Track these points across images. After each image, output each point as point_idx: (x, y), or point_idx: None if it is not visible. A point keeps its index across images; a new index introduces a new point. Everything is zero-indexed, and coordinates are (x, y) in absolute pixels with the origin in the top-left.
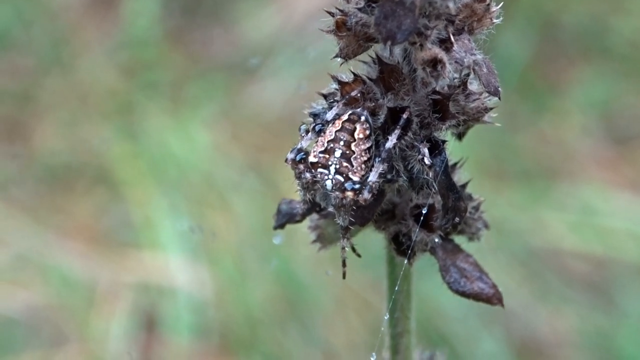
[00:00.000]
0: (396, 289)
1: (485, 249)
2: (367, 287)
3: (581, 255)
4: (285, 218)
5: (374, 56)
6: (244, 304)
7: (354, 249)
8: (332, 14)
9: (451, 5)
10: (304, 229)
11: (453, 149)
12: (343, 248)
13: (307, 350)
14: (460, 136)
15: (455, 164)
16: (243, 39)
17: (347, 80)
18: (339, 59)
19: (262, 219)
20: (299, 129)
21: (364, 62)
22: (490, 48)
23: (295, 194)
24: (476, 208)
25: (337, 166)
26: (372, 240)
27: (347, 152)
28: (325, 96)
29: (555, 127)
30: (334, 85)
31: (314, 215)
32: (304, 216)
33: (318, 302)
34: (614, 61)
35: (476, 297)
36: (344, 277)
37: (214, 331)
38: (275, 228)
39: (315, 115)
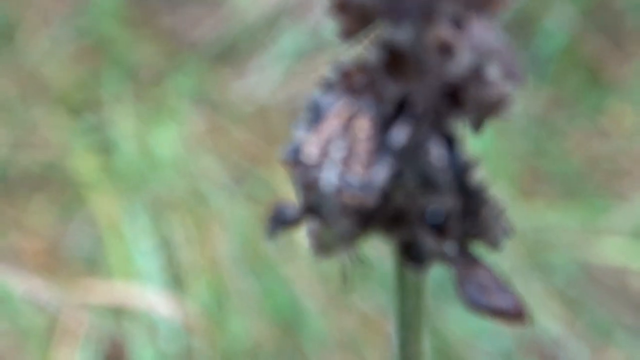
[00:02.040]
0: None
1: (522, 271)
2: (381, 312)
3: (637, 280)
4: (280, 224)
5: (379, 38)
6: (229, 335)
7: (356, 259)
8: None
9: None
10: (303, 240)
11: (473, 146)
12: (344, 258)
13: None
14: (476, 129)
15: (474, 161)
16: (230, 17)
17: (348, 66)
18: (340, 41)
19: (249, 232)
20: (295, 124)
21: (369, 45)
22: (525, 32)
23: (291, 196)
24: (496, 212)
25: (337, 166)
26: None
27: (348, 149)
28: (324, 84)
29: (607, 125)
30: (334, 73)
31: (312, 221)
32: (299, 221)
33: (321, 331)
34: None
35: (496, 313)
36: (345, 291)
37: None
38: (269, 236)
39: (312, 107)
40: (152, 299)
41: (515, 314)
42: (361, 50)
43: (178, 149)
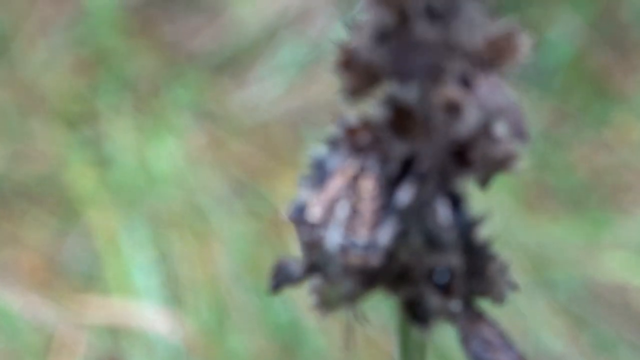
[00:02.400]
0: None
1: (525, 287)
2: (382, 332)
3: None
4: (283, 280)
5: (385, 96)
6: (228, 353)
7: (359, 317)
8: (336, 49)
9: (473, 41)
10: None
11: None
12: (348, 317)
13: None
14: (483, 185)
15: (478, 218)
16: (229, 28)
17: (353, 124)
18: (345, 99)
19: (250, 249)
20: (299, 181)
21: (374, 103)
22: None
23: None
24: (501, 269)
25: (342, 226)
26: None
27: (353, 209)
28: (328, 141)
29: (612, 139)
30: (339, 130)
31: (315, 278)
32: (303, 279)
33: (320, 349)
34: None
35: None
36: (348, 349)
37: None
38: (272, 292)
39: (317, 165)
40: (150, 315)
41: None
42: (367, 107)
43: (177, 162)
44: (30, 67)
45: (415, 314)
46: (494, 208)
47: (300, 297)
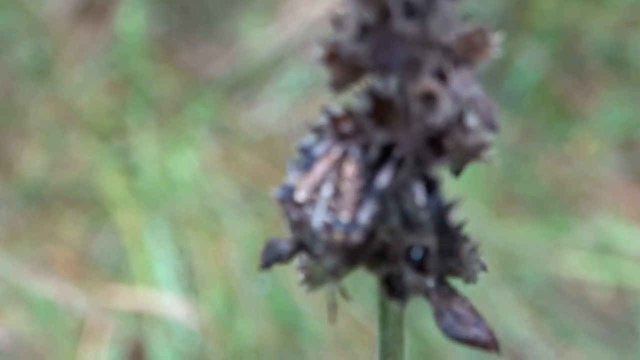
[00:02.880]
0: (387, 332)
1: (494, 282)
2: (371, 318)
3: (599, 288)
4: (273, 257)
5: (367, 87)
6: (237, 338)
7: (342, 293)
8: (323, 44)
9: (447, 37)
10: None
11: (453, 182)
12: (331, 292)
13: None
14: (457, 173)
15: (452, 202)
16: (240, 55)
17: (337, 113)
18: (330, 90)
19: (257, 246)
20: (287, 165)
21: (356, 94)
22: (503, 69)
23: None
24: (473, 250)
25: (326, 206)
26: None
27: (336, 191)
28: (314, 130)
29: (571, 153)
30: (324, 119)
31: (303, 255)
32: (291, 256)
33: (317, 334)
34: (636, 85)
35: (472, 343)
36: (331, 321)
37: None
38: (262, 268)
39: (304, 150)
40: (170, 303)
41: (488, 344)
42: (350, 98)
43: (194, 171)
44: (68, 87)
45: (393, 289)
46: (468, 213)
47: (300, 288)
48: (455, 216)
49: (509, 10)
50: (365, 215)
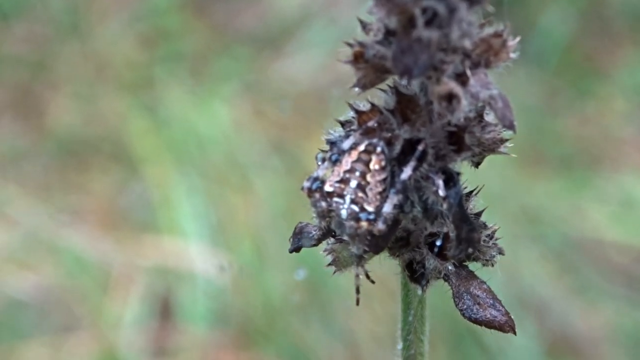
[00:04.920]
0: (411, 313)
1: (520, 239)
2: (392, 276)
3: (621, 247)
4: (301, 242)
5: (391, 85)
6: (264, 292)
7: (368, 276)
8: (350, 45)
9: (467, 41)
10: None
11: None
12: (357, 275)
13: (329, 341)
14: (477, 165)
15: (470, 192)
16: (270, 10)
17: (364, 109)
18: (356, 89)
19: (285, 201)
20: (316, 157)
21: (382, 91)
22: (530, 27)
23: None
24: (490, 236)
25: (352, 196)
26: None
27: (362, 182)
28: (342, 124)
29: (597, 111)
30: (351, 114)
31: (330, 239)
32: (319, 241)
33: (341, 290)
34: None
35: (488, 324)
36: (357, 303)
37: (231, 320)
38: (291, 251)
39: (332, 144)
40: (198, 256)
41: (504, 325)
42: (377, 97)
43: (223, 125)
44: (99, 41)
45: (415, 273)
46: (495, 170)
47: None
48: (474, 204)
49: None
50: (389, 206)
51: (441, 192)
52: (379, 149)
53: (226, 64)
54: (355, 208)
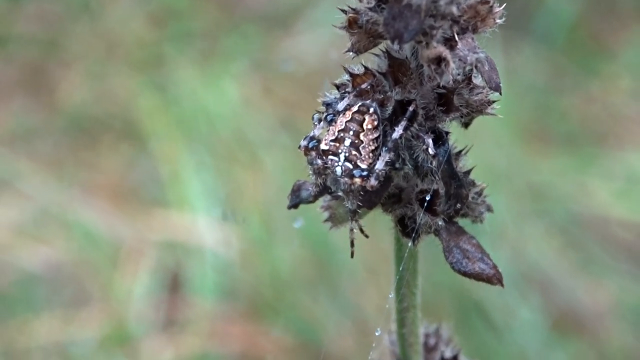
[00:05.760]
0: (402, 266)
1: (526, 216)
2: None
3: (626, 224)
4: (299, 199)
5: (384, 50)
6: (272, 266)
7: (362, 230)
8: (344, 12)
9: (455, 7)
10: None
11: (468, 133)
12: (352, 230)
13: (336, 314)
14: (466, 126)
15: (460, 151)
16: None
17: (358, 72)
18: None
19: (293, 177)
20: (312, 118)
21: (375, 55)
22: (537, 6)
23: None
24: (479, 193)
25: (347, 154)
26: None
27: (356, 141)
28: (337, 86)
29: (602, 90)
30: (346, 77)
31: (326, 196)
32: (316, 198)
33: (348, 265)
34: None
35: (477, 277)
36: (352, 256)
37: (240, 294)
38: (289, 207)
39: (327, 105)
40: (207, 231)
41: (492, 277)
42: (370, 61)
43: (233, 102)
44: (110, 20)
45: (407, 229)
46: (502, 146)
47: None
48: (463, 163)
49: None
50: (381, 163)
51: (431, 150)
52: (371, 110)
53: (235, 42)
54: (349, 165)
